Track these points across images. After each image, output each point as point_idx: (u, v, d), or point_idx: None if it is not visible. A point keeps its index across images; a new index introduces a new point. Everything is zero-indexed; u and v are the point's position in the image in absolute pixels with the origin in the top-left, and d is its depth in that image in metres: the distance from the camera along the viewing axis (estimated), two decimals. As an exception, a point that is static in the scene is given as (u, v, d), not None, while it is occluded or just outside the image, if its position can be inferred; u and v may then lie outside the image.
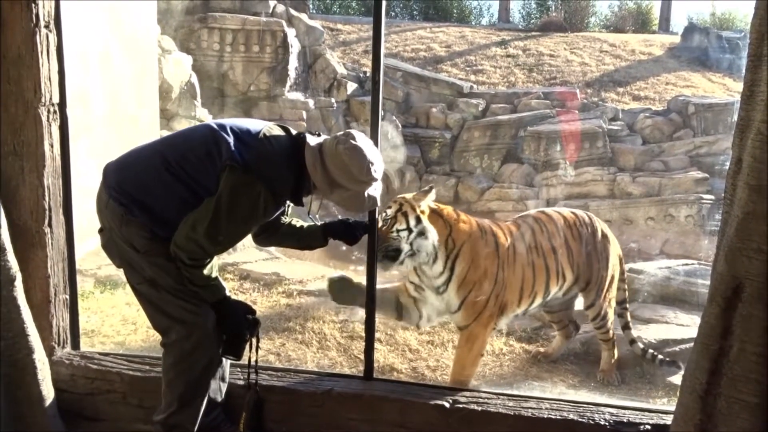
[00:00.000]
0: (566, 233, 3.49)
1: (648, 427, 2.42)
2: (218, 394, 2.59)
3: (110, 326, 4.09)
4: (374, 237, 2.72)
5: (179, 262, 2.23)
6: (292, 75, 9.19)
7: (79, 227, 2.92)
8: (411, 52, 11.47)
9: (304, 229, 2.59)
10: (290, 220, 2.58)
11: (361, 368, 2.91)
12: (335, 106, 9.46)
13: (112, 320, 4.18)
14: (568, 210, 3.74)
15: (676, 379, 3.56)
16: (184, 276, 2.25)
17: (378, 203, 2.42)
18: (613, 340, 3.72)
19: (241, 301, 2.44)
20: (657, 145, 9.06)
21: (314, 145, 2.31)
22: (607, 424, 2.46)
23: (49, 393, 2.63)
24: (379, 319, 2.98)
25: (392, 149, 6.53)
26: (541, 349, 4.02)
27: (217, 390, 2.58)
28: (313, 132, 2.41)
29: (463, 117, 9.48)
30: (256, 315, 2.40)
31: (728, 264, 1.91)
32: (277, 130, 2.36)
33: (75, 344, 2.94)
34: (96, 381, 2.77)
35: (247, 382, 2.58)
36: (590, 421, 2.47)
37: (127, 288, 2.42)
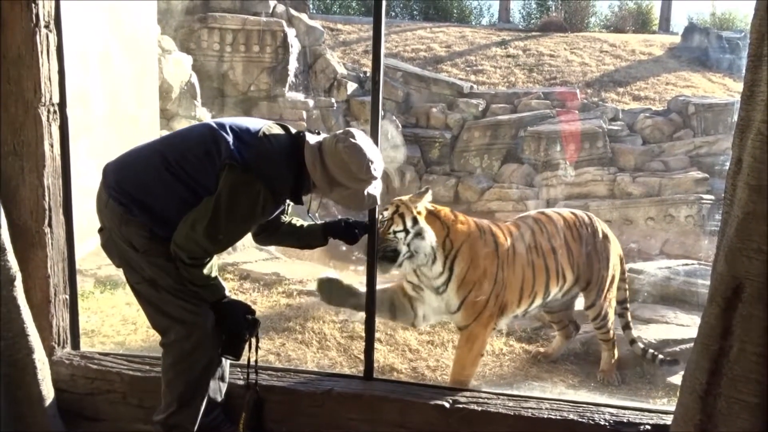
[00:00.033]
0: (566, 234, 3.50)
1: (648, 427, 2.42)
2: (218, 394, 2.58)
3: (110, 326, 4.09)
4: (374, 237, 2.72)
5: (179, 262, 2.23)
6: (292, 75, 9.18)
7: (79, 227, 2.92)
8: (411, 52, 11.47)
9: (304, 228, 2.59)
10: (290, 219, 2.58)
11: (361, 368, 2.91)
12: (335, 106, 9.45)
13: (112, 320, 4.18)
14: (568, 210, 3.75)
15: (676, 379, 3.56)
16: (184, 275, 2.25)
17: (378, 202, 2.42)
18: (614, 341, 3.72)
19: (241, 301, 2.44)
20: (657, 145, 9.05)
21: (314, 144, 2.31)
22: (607, 424, 2.46)
23: (49, 393, 2.63)
24: (378, 319, 2.98)
25: (392, 149, 6.54)
26: (541, 349, 4.03)
27: (217, 390, 2.57)
28: (312, 130, 2.41)
29: (463, 117, 9.48)
30: (255, 315, 2.40)
31: (728, 264, 1.91)
32: (277, 129, 2.35)
33: (75, 344, 2.94)
34: (96, 381, 2.77)
35: (247, 382, 2.57)
36: (590, 421, 2.47)
37: (127, 288, 2.42)
